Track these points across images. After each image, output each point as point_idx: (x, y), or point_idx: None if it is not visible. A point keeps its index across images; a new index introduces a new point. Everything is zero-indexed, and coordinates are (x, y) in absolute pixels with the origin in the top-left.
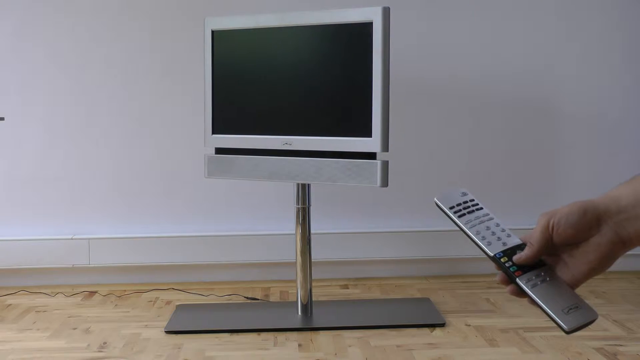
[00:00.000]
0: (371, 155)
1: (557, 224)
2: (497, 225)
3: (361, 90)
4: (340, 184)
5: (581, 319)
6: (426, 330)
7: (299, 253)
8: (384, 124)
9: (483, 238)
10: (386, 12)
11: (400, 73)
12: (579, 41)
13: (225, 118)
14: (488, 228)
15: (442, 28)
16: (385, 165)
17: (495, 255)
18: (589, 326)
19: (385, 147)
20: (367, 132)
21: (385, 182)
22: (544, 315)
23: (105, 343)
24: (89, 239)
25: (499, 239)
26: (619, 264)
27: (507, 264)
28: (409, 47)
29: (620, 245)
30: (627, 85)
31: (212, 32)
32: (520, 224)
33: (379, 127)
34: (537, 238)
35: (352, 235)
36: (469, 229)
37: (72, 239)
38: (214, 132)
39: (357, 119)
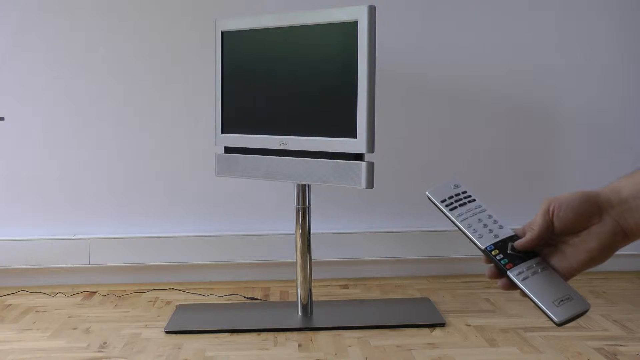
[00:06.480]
0: (358, 157)
1: (558, 208)
2: (490, 217)
3: (347, 91)
4: (329, 184)
5: (572, 310)
6: (426, 330)
7: (299, 253)
8: (369, 124)
9: (474, 231)
10: (372, 11)
11: (401, 73)
12: (579, 41)
13: (231, 118)
14: (480, 220)
15: (438, 28)
16: (370, 166)
17: (486, 248)
18: (590, 327)
19: (370, 148)
20: (353, 133)
21: (370, 184)
22: (544, 315)
23: (105, 343)
24: (89, 239)
25: (490, 231)
26: (619, 264)
27: (498, 257)
28: (408, 47)
29: (622, 235)
30: (627, 85)
31: (222, 33)
32: (518, 225)
33: (364, 128)
34: (538, 222)
35: (352, 235)
36: (461, 222)
37: (72, 239)
38: (222, 132)
39: (343, 120)
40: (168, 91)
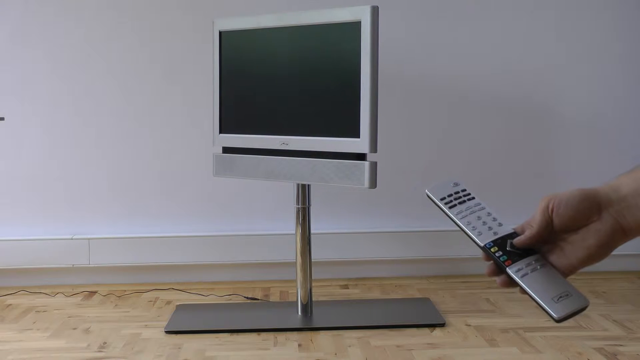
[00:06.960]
0: (361, 156)
1: (557, 205)
2: (489, 214)
3: (350, 91)
4: (332, 184)
5: (571, 306)
6: (426, 330)
7: (299, 253)
8: (372, 124)
9: (474, 228)
10: (375, 11)
11: (402, 73)
12: (579, 41)
13: (230, 118)
14: (479, 218)
15: (439, 28)
16: (373, 166)
17: (485, 245)
18: (590, 327)
19: (373, 148)
20: (356, 133)
21: (373, 184)
22: (545, 315)
23: (105, 343)
24: (89, 239)
25: (490, 228)
26: (619, 264)
27: (497, 254)
28: (410, 47)
29: (621, 233)
30: (627, 85)
31: (220, 33)
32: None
33: (367, 128)
34: (537, 220)
35: (352, 235)
36: (460, 219)
37: (72, 239)
38: (221, 132)
39: (346, 120)
40: (168, 91)
